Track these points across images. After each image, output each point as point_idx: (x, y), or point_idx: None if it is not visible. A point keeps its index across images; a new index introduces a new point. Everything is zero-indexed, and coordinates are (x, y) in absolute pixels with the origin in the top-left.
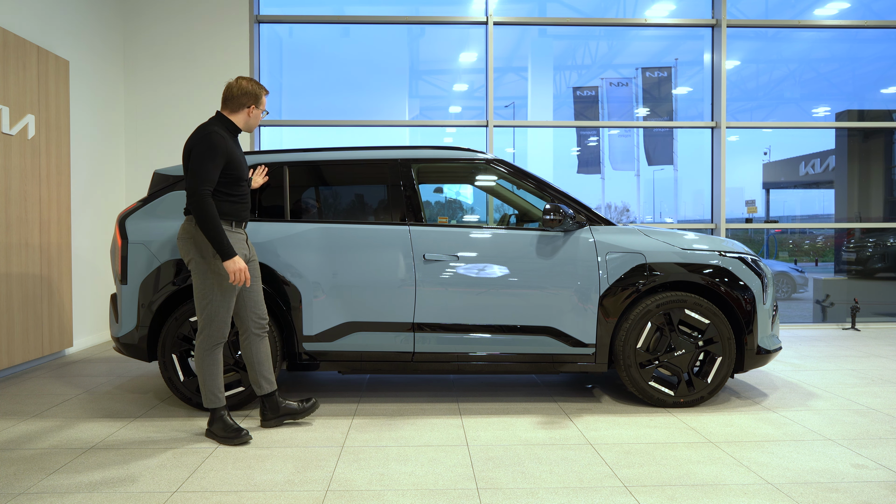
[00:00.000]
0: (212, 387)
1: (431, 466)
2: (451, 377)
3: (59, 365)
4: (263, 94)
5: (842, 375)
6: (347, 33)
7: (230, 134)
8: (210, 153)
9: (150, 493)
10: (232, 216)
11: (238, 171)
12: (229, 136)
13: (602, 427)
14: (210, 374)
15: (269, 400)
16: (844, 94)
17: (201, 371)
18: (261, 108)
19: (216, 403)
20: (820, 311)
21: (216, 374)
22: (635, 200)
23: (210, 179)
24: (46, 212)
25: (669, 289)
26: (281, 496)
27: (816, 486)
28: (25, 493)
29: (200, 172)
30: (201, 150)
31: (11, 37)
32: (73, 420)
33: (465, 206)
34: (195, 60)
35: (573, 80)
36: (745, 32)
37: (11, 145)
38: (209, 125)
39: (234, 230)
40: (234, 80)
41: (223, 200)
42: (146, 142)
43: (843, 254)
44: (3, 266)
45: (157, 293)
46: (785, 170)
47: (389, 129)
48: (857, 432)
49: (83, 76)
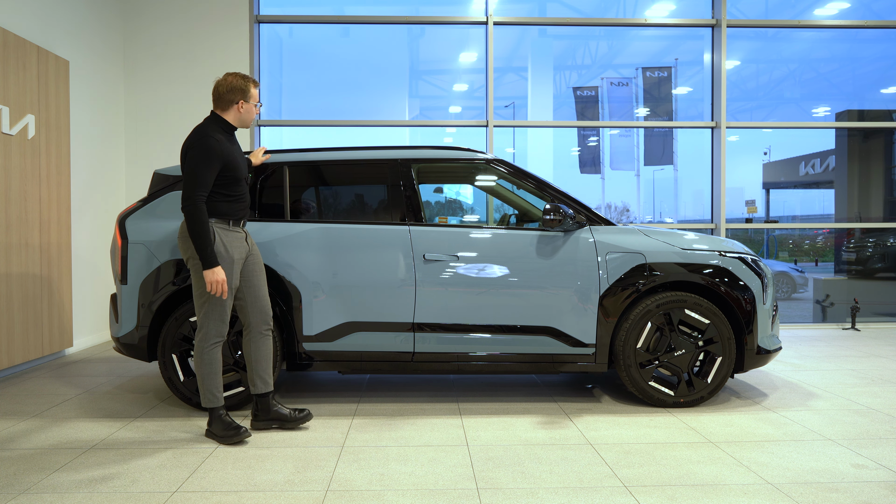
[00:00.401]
0: (210, 386)
1: (431, 466)
2: (451, 377)
3: (59, 365)
4: (251, 86)
5: (842, 375)
6: (347, 33)
7: (226, 134)
8: (205, 159)
9: (150, 492)
10: (230, 215)
11: (235, 171)
12: (226, 136)
13: (602, 427)
14: (208, 372)
15: (262, 400)
16: (844, 94)
17: (200, 369)
18: (252, 102)
19: (214, 403)
20: (820, 311)
21: (214, 373)
22: (635, 200)
23: (204, 185)
24: (46, 212)
25: (669, 289)
26: (281, 496)
27: (816, 486)
28: (26, 492)
29: (195, 178)
30: (196, 155)
31: (11, 37)
32: (74, 420)
33: (465, 206)
34: (195, 60)
35: (573, 80)
36: (745, 32)
37: (11, 145)
38: (205, 127)
39: (231, 228)
40: (222, 77)
41: (220, 201)
42: (146, 142)
43: (843, 254)
44: (4, 266)
45: (156, 293)
46: (785, 170)
47: (389, 129)
48: (857, 432)
49: (83, 76)
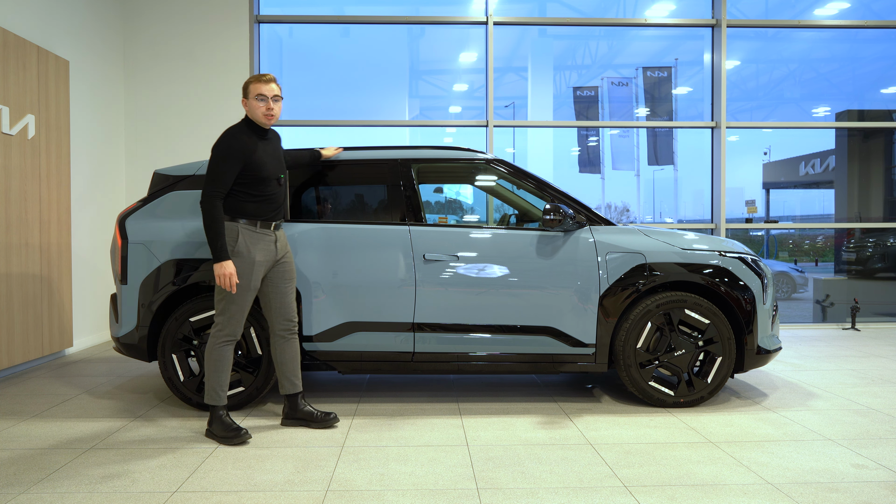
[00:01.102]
0: (214, 383)
1: (431, 466)
2: (451, 377)
3: (59, 365)
4: (253, 83)
5: (842, 375)
6: (347, 33)
7: (254, 134)
8: (222, 157)
9: (150, 492)
10: (257, 216)
11: (258, 170)
12: (252, 135)
13: (602, 427)
14: (216, 369)
15: (291, 400)
16: (844, 93)
17: (207, 365)
18: (254, 97)
19: (216, 401)
20: (820, 311)
21: (221, 371)
22: (635, 200)
23: (221, 182)
24: (46, 212)
25: (669, 289)
26: (281, 496)
27: (816, 486)
28: (26, 492)
29: (212, 175)
30: (216, 152)
31: (11, 37)
32: (73, 420)
33: (465, 206)
34: (195, 60)
35: (573, 80)
36: (745, 32)
37: (11, 145)
38: (233, 127)
39: (258, 230)
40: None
41: (247, 201)
42: (146, 142)
43: (843, 254)
44: (3, 266)
45: (156, 293)
46: (785, 170)
47: (389, 129)
48: (857, 432)
49: (83, 76)
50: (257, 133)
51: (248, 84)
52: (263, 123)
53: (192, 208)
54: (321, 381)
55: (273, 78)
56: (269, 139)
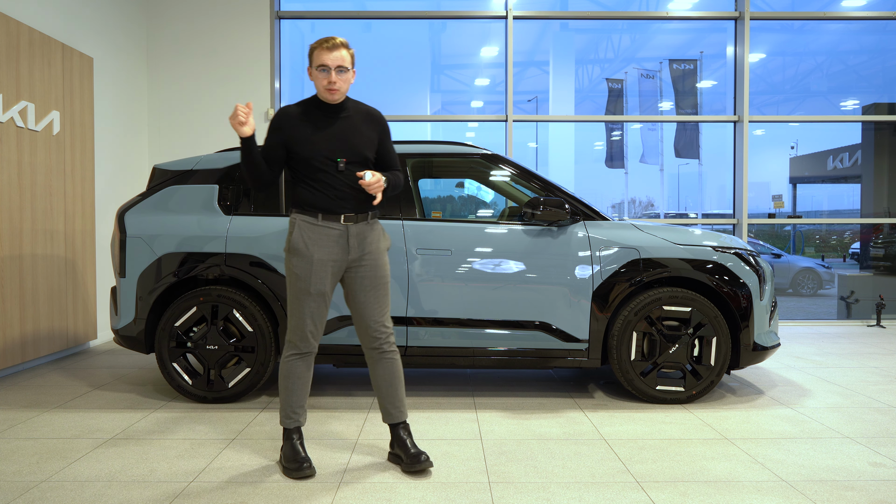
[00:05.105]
0: (284, 403)
1: (444, 460)
2: (468, 371)
3: (83, 357)
4: (316, 50)
5: (864, 373)
6: (369, 28)
7: (318, 108)
8: (268, 131)
9: (168, 482)
10: (315, 206)
11: (301, 149)
12: (312, 109)
13: (617, 422)
14: (284, 387)
15: (392, 430)
16: (874, 86)
17: (279, 383)
18: (316, 67)
19: (286, 424)
20: (845, 308)
21: (290, 390)
22: (659, 195)
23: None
24: (71, 206)
25: (664, 284)
26: (296, 486)
27: (832, 483)
28: (47, 480)
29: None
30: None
31: (37, 34)
32: (95, 411)
33: (460, 201)
34: (217, 56)
35: (595, 73)
36: (771, 25)
37: (37, 141)
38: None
39: (320, 223)
40: None
41: (302, 187)
42: (168, 137)
43: (871, 249)
44: (29, 260)
45: (154, 286)
46: (812, 164)
47: (411, 124)
48: (876, 430)
49: (107, 72)
50: (322, 108)
51: (311, 50)
52: (327, 98)
53: (191, 203)
54: (336, 374)
55: (341, 43)
56: (344, 117)
